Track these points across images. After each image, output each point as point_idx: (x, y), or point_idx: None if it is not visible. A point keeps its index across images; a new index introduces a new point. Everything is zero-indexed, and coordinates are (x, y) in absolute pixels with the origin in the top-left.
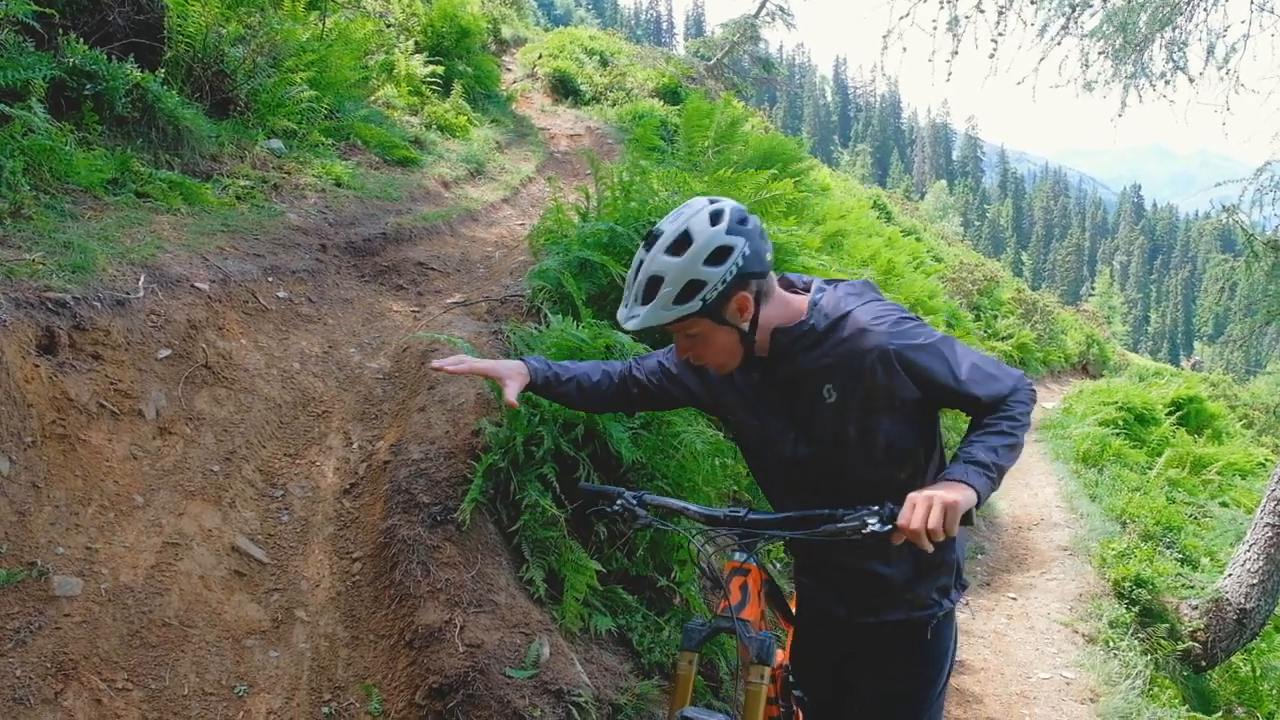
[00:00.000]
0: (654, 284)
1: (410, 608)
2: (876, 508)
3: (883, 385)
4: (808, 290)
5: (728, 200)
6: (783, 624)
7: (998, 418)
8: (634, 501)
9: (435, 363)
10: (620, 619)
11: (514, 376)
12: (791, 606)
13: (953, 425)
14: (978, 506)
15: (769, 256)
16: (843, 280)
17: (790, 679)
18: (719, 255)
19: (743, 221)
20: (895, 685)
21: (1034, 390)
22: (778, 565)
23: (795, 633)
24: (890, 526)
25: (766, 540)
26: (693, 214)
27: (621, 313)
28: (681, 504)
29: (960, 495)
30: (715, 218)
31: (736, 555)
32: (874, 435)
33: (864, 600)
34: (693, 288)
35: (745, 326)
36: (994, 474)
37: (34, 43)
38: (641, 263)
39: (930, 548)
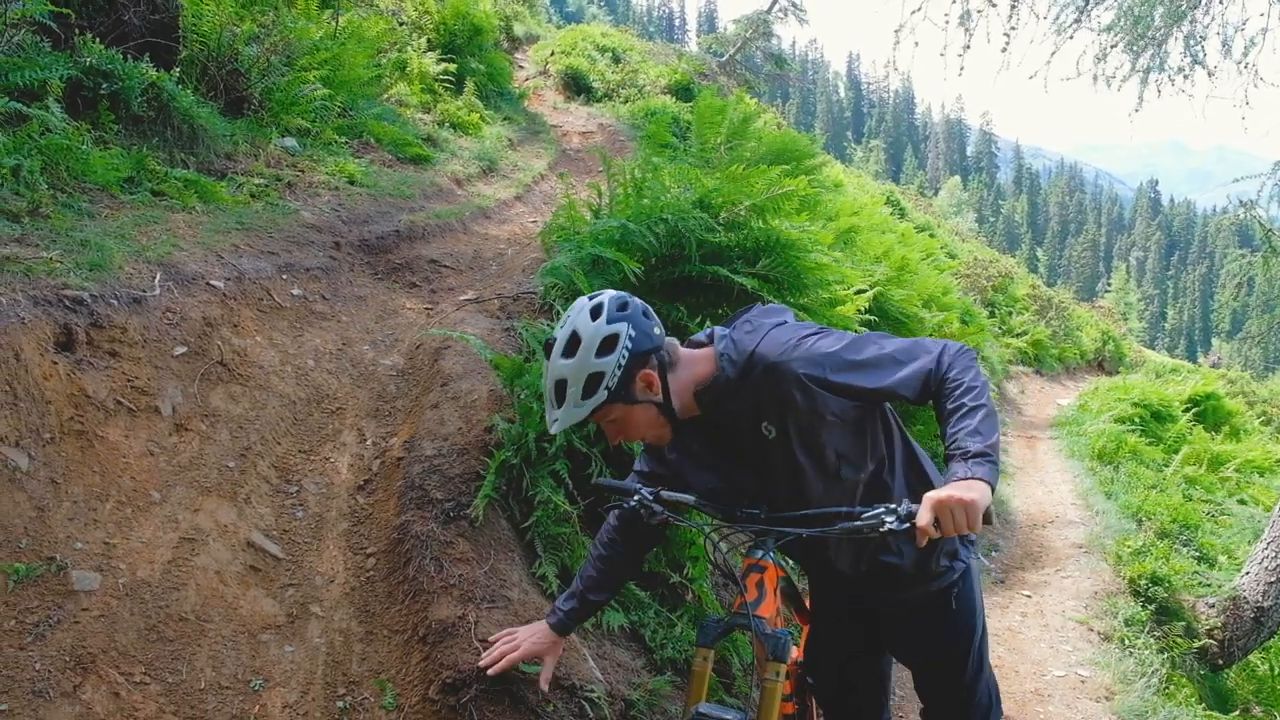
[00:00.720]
0: (561, 387)
1: (424, 603)
2: (893, 506)
3: (808, 408)
4: (711, 341)
5: (607, 292)
6: (798, 620)
7: (954, 396)
8: (650, 498)
9: (484, 662)
10: (633, 615)
11: (548, 651)
12: (807, 602)
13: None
14: (993, 508)
15: (657, 331)
16: (739, 316)
17: (805, 675)
18: (607, 345)
19: (622, 308)
20: (937, 659)
21: (968, 351)
22: (789, 562)
23: (811, 628)
24: (908, 525)
25: (782, 537)
26: (577, 314)
27: (546, 418)
28: (698, 501)
29: (977, 494)
30: (595, 312)
31: (754, 552)
32: (823, 453)
33: (877, 591)
34: (594, 380)
35: (658, 399)
36: (992, 455)
37: (51, 43)
38: (548, 373)
39: (938, 536)
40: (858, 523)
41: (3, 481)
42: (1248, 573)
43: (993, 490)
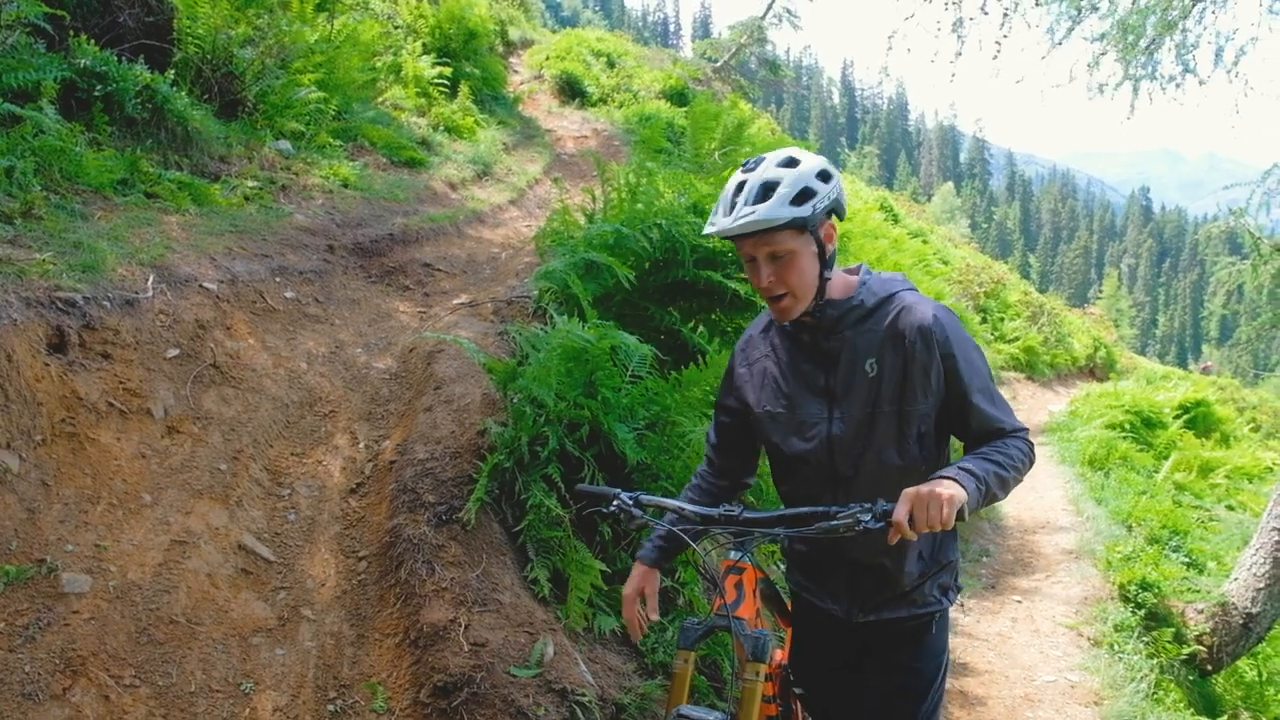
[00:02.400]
0: (769, 188)
1: (415, 606)
2: (869, 504)
3: (921, 362)
4: (857, 274)
5: None
6: (780, 623)
7: (996, 449)
8: (630, 502)
9: (635, 638)
10: (624, 619)
11: (646, 584)
12: (789, 604)
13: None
14: (966, 514)
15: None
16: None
17: (790, 679)
18: (823, 177)
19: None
20: (901, 681)
21: (1033, 447)
22: (779, 567)
23: (794, 635)
24: (884, 524)
25: (761, 539)
26: (790, 149)
27: (723, 220)
28: (677, 503)
29: (954, 490)
30: (810, 157)
31: (731, 554)
32: (908, 417)
33: (867, 598)
34: (805, 195)
35: (829, 253)
36: (983, 486)
37: (45, 44)
38: (745, 181)
39: (914, 536)
40: (834, 522)
41: None
42: (1236, 579)
43: (968, 508)
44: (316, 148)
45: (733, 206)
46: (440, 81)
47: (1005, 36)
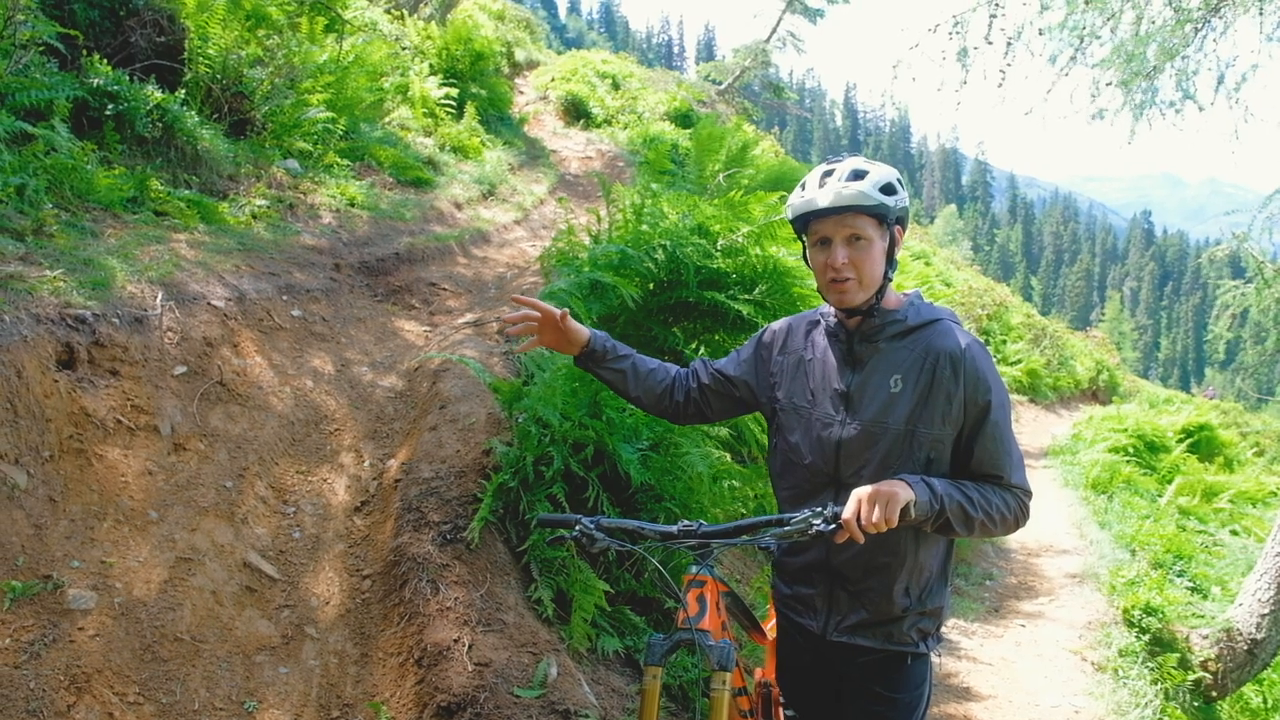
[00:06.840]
0: (860, 174)
1: (419, 626)
2: (820, 508)
3: (945, 388)
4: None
5: None
6: (753, 638)
7: (976, 488)
8: (591, 526)
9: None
10: (628, 640)
11: (578, 331)
12: (765, 625)
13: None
14: (913, 513)
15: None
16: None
17: (772, 695)
18: (900, 184)
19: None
20: (880, 711)
21: (1025, 508)
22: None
23: (779, 653)
24: (835, 526)
25: (722, 549)
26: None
27: (815, 193)
28: (636, 524)
29: (899, 489)
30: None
31: (692, 568)
32: (920, 439)
33: (844, 615)
34: (890, 190)
35: (894, 256)
36: (937, 503)
37: (58, 63)
38: (833, 169)
39: (862, 538)
40: (787, 527)
41: (1, 499)
42: (1241, 604)
43: (914, 511)
44: (324, 167)
45: (824, 185)
46: (447, 102)
47: (1009, 65)
